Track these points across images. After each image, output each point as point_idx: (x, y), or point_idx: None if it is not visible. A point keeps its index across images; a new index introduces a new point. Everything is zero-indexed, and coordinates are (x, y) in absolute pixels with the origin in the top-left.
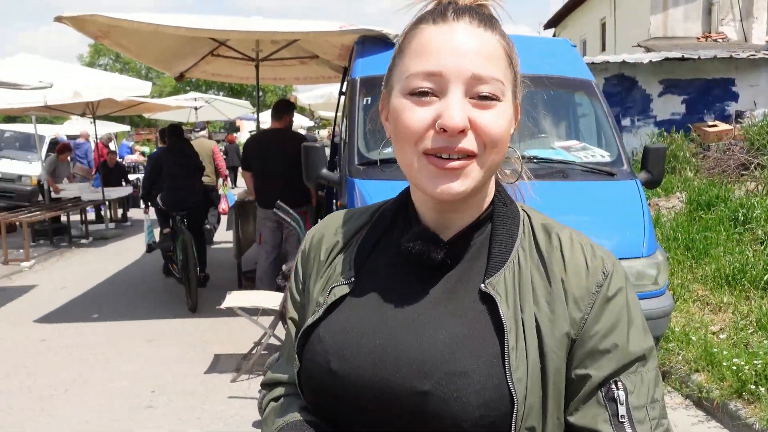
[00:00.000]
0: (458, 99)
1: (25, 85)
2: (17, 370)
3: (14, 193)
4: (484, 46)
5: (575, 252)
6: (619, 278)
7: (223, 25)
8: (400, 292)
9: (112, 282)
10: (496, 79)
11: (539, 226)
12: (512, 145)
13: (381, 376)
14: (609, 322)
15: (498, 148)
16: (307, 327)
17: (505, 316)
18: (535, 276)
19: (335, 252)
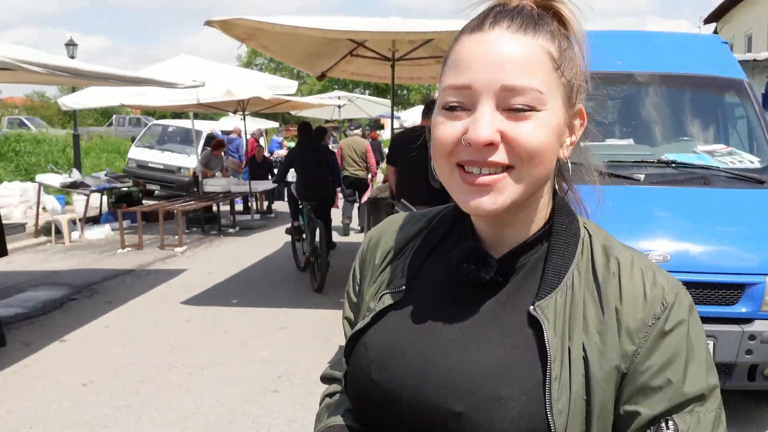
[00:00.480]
0: (487, 112)
1: (179, 84)
2: (162, 347)
3: (174, 183)
4: (517, 53)
5: (634, 278)
6: (680, 310)
7: (358, 26)
8: (447, 306)
9: (253, 270)
10: (531, 89)
11: (599, 247)
12: (594, 151)
13: (419, 392)
14: (664, 357)
15: (537, 160)
16: (356, 332)
17: (551, 344)
18: (588, 302)
19: (390, 257)
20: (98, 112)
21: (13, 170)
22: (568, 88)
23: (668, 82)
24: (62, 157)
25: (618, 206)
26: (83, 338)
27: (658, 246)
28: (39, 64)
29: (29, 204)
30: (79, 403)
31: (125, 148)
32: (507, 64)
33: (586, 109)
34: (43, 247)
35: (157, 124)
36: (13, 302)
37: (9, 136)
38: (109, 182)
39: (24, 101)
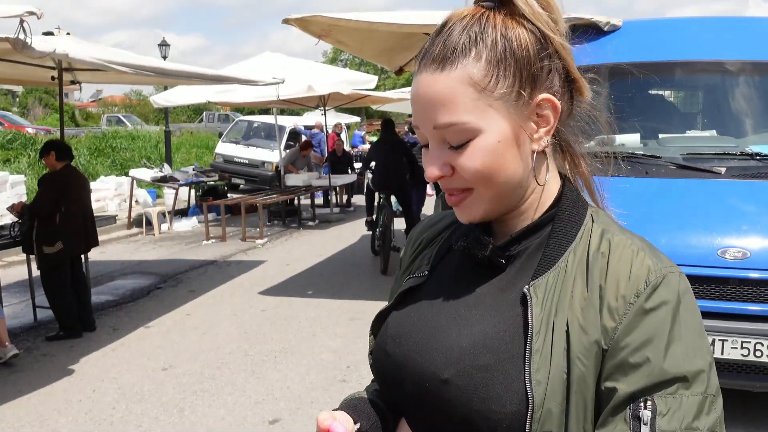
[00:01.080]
0: (432, 151)
1: (260, 81)
2: (239, 335)
3: (258, 178)
4: (436, 94)
5: (622, 259)
6: (667, 290)
7: (433, 20)
8: (458, 288)
9: (329, 262)
10: (454, 123)
11: (599, 231)
12: (604, 139)
13: (418, 362)
14: (644, 335)
15: (486, 180)
16: (381, 313)
17: (535, 318)
18: (577, 281)
19: (422, 247)
20: (191, 109)
21: (109, 165)
22: (507, 95)
23: (758, 70)
24: (155, 152)
25: (696, 201)
26: (166, 325)
27: (738, 242)
28: (126, 64)
29: (123, 197)
30: (159, 386)
31: (213, 143)
32: (430, 105)
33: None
34: (134, 238)
35: (243, 120)
36: (104, 290)
37: (107, 132)
38: (197, 176)
39: (123, 99)
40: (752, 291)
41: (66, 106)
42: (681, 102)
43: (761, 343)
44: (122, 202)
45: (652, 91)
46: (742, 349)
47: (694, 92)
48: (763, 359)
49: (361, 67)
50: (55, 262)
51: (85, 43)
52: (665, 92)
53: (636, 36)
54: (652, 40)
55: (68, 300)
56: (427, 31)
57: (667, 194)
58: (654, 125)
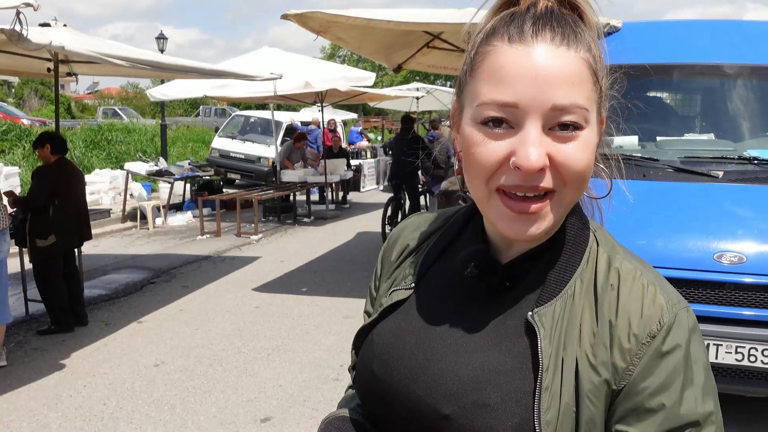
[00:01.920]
0: (536, 134)
1: (257, 77)
2: (232, 331)
3: (254, 173)
4: (566, 70)
5: (633, 294)
6: (680, 332)
7: (432, 18)
8: (451, 308)
9: (323, 259)
10: (579, 107)
11: (604, 257)
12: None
13: (412, 391)
14: (660, 380)
15: (579, 183)
16: (365, 326)
17: (544, 353)
18: (585, 313)
19: (405, 255)
20: (187, 102)
21: (104, 158)
22: (600, 98)
23: (757, 74)
24: (150, 146)
25: (692, 204)
26: (159, 320)
27: (734, 246)
28: (122, 57)
29: (118, 191)
30: (150, 382)
31: (210, 137)
32: (557, 81)
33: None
34: (128, 232)
35: (240, 115)
36: (97, 284)
37: (102, 125)
38: (192, 171)
39: (119, 92)
40: (747, 296)
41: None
42: (679, 105)
43: (755, 348)
44: (117, 196)
45: (651, 93)
46: (737, 354)
47: (692, 95)
48: (757, 364)
49: (359, 64)
50: (48, 255)
51: (82, 35)
52: (664, 95)
53: (635, 38)
54: (651, 42)
55: (60, 294)
56: (427, 29)
57: (665, 197)
58: (652, 128)
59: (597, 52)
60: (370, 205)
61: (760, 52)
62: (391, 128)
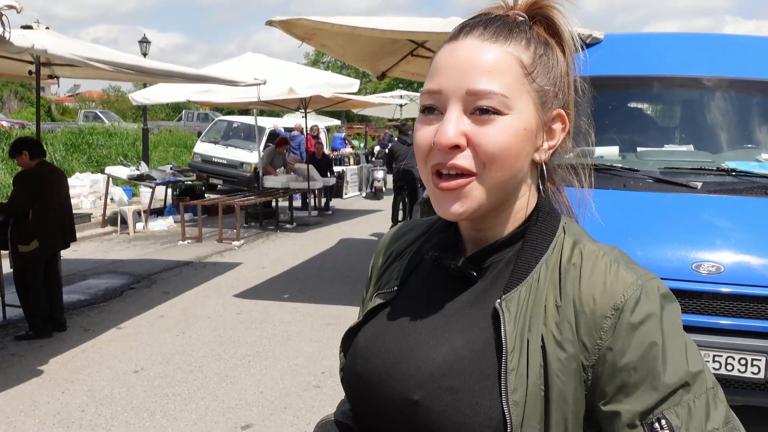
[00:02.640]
0: (453, 116)
1: (241, 82)
2: (213, 338)
3: (236, 179)
4: (483, 60)
5: (595, 270)
6: (650, 301)
7: (417, 27)
8: (428, 303)
9: (305, 266)
10: (494, 93)
11: (570, 242)
12: (581, 151)
13: (386, 383)
14: (639, 352)
15: (498, 164)
16: (350, 329)
17: (508, 335)
18: (549, 294)
19: (391, 260)
20: (169, 107)
21: (85, 162)
22: (541, 93)
23: (735, 87)
24: (132, 150)
25: (671, 215)
26: (139, 326)
27: (712, 256)
28: (106, 61)
29: (98, 195)
30: (130, 389)
31: (192, 142)
32: (472, 69)
33: (577, 114)
34: (108, 236)
35: (223, 120)
36: (76, 289)
37: (83, 128)
38: (174, 175)
39: (101, 95)
40: (724, 305)
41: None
42: (659, 116)
43: (732, 357)
44: (97, 200)
45: (632, 104)
46: (714, 363)
47: (672, 107)
48: (734, 373)
49: (343, 70)
50: (30, 261)
51: (64, 38)
52: (644, 106)
53: (617, 50)
54: (632, 54)
55: (41, 299)
56: (411, 37)
57: (644, 207)
58: (633, 138)
59: (541, 50)
60: (352, 212)
61: (739, 65)
62: (374, 135)
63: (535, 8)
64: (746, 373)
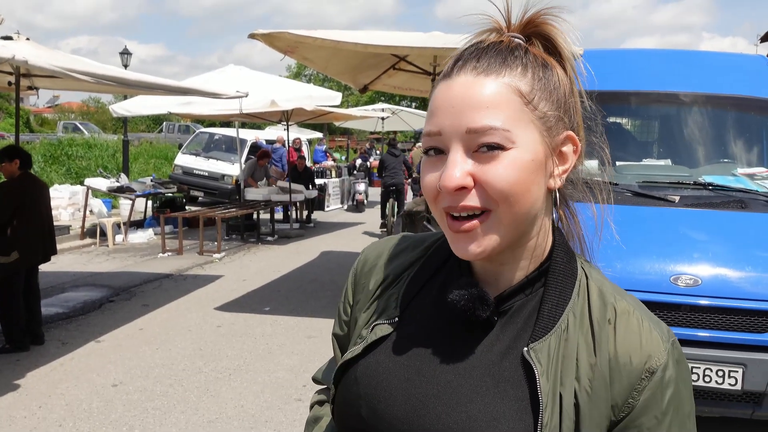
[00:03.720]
0: (456, 157)
1: (223, 95)
2: (194, 351)
3: (217, 191)
4: (479, 96)
5: (630, 328)
6: (674, 364)
7: (399, 41)
8: (439, 346)
9: (287, 279)
10: (495, 129)
11: (596, 290)
12: (598, 171)
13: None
14: (656, 414)
15: (511, 200)
16: (347, 361)
17: (543, 390)
18: (581, 347)
19: (384, 285)
20: (150, 118)
21: (64, 173)
22: (545, 119)
23: (711, 103)
24: (112, 161)
25: (650, 228)
26: (118, 339)
27: (690, 269)
28: (87, 73)
29: (77, 207)
30: (108, 403)
31: (173, 154)
32: (470, 107)
33: (588, 131)
34: (87, 249)
35: (204, 132)
36: (55, 302)
37: (63, 140)
38: (154, 187)
39: (80, 107)
40: (702, 317)
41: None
42: (638, 131)
43: (710, 368)
44: (76, 212)
45: (611, 119)
46: (692, 375)
47: (650, 122)
48: (712, 384)
49: (325, 83)
50: (10, 272)
51: (45, 49)
52: (623, 120)
53: (596, 65)
54: (611, 69)
55: (19, 313)
56: (393, 51)
57: (623, 221)
58: (612, 152)
59: (540, 74)
60: (334, 225)
61: (715, 81)
62: (356, 147)
63: (531, 27)
64: (723, 385)
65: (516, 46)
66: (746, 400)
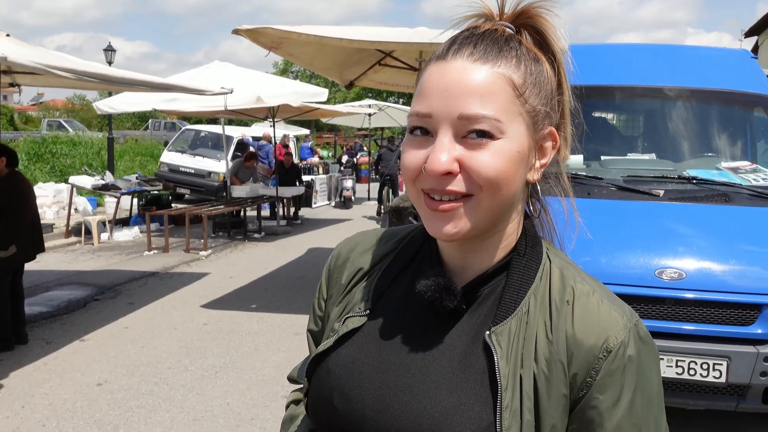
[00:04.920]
0: (445, 141)
1: (208, 91)
2: (180, 349)
3: (204, 188)
4: (475, 83)
5: (588, 308)
6: (635, 343)
7: (383, 37)
8: (409, 336)
9: (274, 276)
10: (487, 117)
11: (557, 273)
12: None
13: (380, 427)
14: (615, 394)
15: (494, 188)
16: (319, 354)
17: (502, 373)
18: (540, 328)
19: (357, 278)
20: (136, 116)
21: (48, 171)
22: (533, 113)
23: (695, 97)
24: (97, 159)
25: (635, 222)
26: (103, 338)
27: (674, 263)
28: (67, 69)
29: (62, 205)
30: (92, 402)
31: (159, 151)
32: (464, 93)
33: (571, 126)
34: (72, 247)
35: (190, 129)
36: (39, 300)
37: (47, 137)
38: (140, 185)
39: (65, 104)
40: (687, 311)
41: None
42: (623, 125)
43: (695, 361)
44: (60, 210)
45: (596, 113)
46: (677, 368)
47: (635, 116)
48: (697, 377)
49: (312, 80)
50: (4, 269)
51: (26, 46)
52: (608, 115)
53: (581, 60)
54: (596, 64)
55: (5, 312)
56: (379, 47)
57: (608, 215)
58: (597, 147)
59: (532, 68)
60: (321, 221)
61: (699, 75)
62: (344, 144)
63: (523, 18)
64: (708, 378)
65: (510, 36)
66: (731, 393)
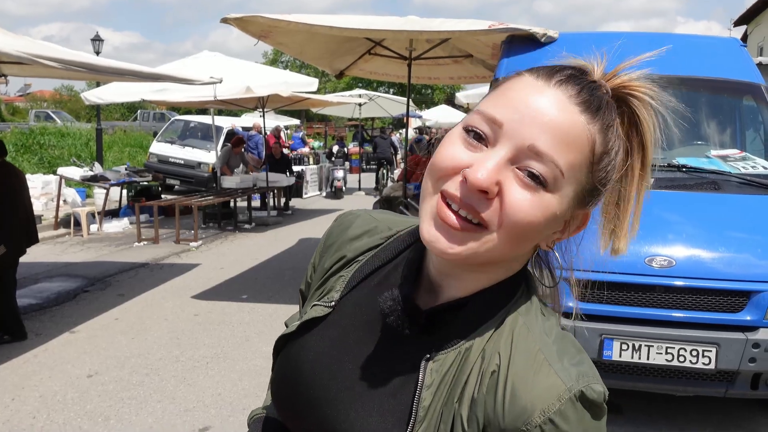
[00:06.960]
0: (498, 159)
1: (196, 81)
2: (170, 340)
3: (193, 179)
4: (565, 124)
5: (527, 367)
6: (573, 413)
7: (374, 25)
8: (361, 341)
9: (265, 266)
10: (554, 164)
11: (515, 320)
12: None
13: (311, 420)
14: None
15: (513, 234)
16: (285, 335)
17: (421, 405)
18: (473, 375)
19: (339, 265)
20: (125, 106)
21: (36, 163)
22: (588, 188)
23: (684, 85)
24: (85, 150)
25: None
26: (93, 330)
27: (664, 251)
28: (54, 59)
29: (50, 196)
30: (83, 394)
31: (148, 142)
32: (549, 128)
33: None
34: (61, 239)
35: (179, 120)
36: (28, 293)
37: (34, 129)
38: (129, 176)
39: (53, 95)
40: (676, 298)
41: None
42: None
43: (684, 348)
44: (49, 202)
45: None
46: (667, 355)
47: None
48: (686, 364)
49: (302, 70)
50: (6, 265)
51: (12, 36)
52: None
53: (571, 48)
54: (586, 52)
55: (13, 302)
56: (369, 35)
57: None
58: None
59: (612, 145)
60: (312, 212)
61: (689, 64)
62: (334, 134)
63: (622, 90)
64: (697, 364)
65: (610, 101)
66: (720, 379)
